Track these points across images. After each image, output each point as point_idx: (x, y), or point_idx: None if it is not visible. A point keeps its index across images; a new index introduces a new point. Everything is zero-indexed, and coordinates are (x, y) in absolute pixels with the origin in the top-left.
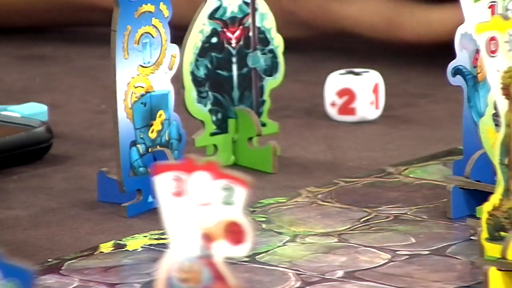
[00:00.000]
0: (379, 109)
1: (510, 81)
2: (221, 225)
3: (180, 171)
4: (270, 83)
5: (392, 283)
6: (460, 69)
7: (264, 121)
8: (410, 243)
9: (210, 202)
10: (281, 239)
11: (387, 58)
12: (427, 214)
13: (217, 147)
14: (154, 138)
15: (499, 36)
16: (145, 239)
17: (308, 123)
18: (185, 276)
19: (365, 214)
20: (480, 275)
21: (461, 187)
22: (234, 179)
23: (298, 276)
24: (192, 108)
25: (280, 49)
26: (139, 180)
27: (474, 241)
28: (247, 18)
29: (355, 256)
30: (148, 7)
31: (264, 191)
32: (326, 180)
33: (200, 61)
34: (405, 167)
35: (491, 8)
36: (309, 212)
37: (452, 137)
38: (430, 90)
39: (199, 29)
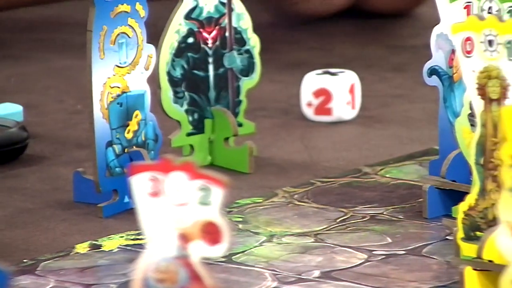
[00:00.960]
0: (356, 109)
1: (485, 81)
2: (197, 225)
3: (156, 171)
4: (247, 83)
5: (368, 283)
6: (436, 69)
7: (241, 121)
8: (386, 243)
9: (186, 202)
10: (257, 239)
11: (363, 58)
12: (403, 214)
13: (193, 147)
14: (131, 139)
15: (475, 37)
16: (121, 240)
17: (285, 123)
18: (162, 276)
19: (342, 214)
20: (456, 274)
21: (437, 187)
22: (210, 179)
23: (275, 276)
24: (168, 108)
25: (257, 50)
26: (115, 181)
27: (450, 240)
28: (223, 18)
29: (331, 256)
30: (124, 7)
31: (241, 191)
32: (303, 180)
33: (176, 61)
34: (381, 167)
35: (467, 8)
36: (286, 212)
37: (428, 137)
38: (406, 90)
39: (175, 29)
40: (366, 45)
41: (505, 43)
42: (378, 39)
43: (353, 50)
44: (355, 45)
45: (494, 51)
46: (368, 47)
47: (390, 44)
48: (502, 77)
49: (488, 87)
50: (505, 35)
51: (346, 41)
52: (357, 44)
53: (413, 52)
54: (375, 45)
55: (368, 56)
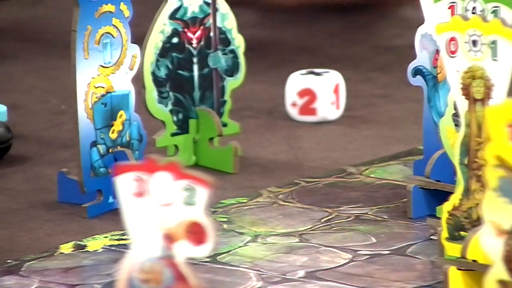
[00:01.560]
0: (340, 109)
1: (470, 81)
2: (182, 225)
3: (141, 171)
4: (231, 83)
5: (353, 282)
6: (420, 70)
7: (225, 122)
8: (370, 243)
9: (171, 203)
10: (242, 239)
11: (347, 58)
12: (388, 214)
13: (178, 147)
14: (115, 139)
15: (459, 37)
16: (106, 240)
17: (269, 123)
18: (146, 276)
19: (326, 214)
20: (440, 274)
21: (421, 187)
22: (195, 179)
23: (259, 276)
24: (153, 108)
25: (241, 50)
26: (99, 181)
27: (435, 240)
28: (208, 19)
29: (316, 256)
30: (109, 7)
31: (225, 192)
32: (287, 180)
33: (161, 61)
34: (366, 167)
35: (451, 8)
36: (270, 212)
37: (413, 137)
38: (390, 90)
39: (160, 29)
40: (350, 46)
41: (489, 43)
42: (363, 40)
43: (337, 50)
44: (340, 45)
45: (478, 51)
46: (353, 47)
47: (374, 44)
48: (486, 77)
49: (472, 87)
50: (489, 35)
51: (331, 41)
52: (341, 44)
53: (398, 52)
54: (359, 46)
55: (352, 56)
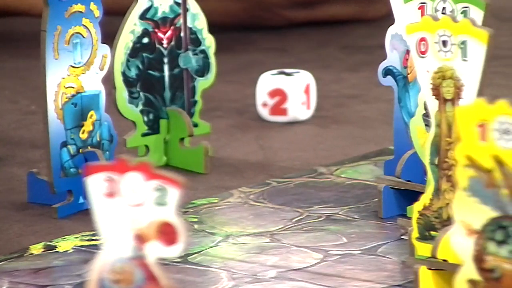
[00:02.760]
0: (311, 110)
1: (440, 81)
2: (153, 225)
3: (112, 172)
4: (202, 84)
5: (323, 282)
6: (391, 70)
7: (196, 122)
8: (341, 243)
9: (142, 203)
10: (213, 239)
11: (318, 59)
12: (359, 214)
13: (148, 147)
14: (85, 139)
15: (429, 37)
16: (76, 241)
17: (240, 123)
18: (117, 277)
19: (297, 214)
20: (411, 274)
21: (392, 187)
22: (166, 179)
23: (231, 276)
24: (123, 108)
25: (212, 50)
26: (70, 181)
27: (405, 240)
28: (178, 19)
29: (287, 256)
30: (79, 7)
31: (196, 192)
32: (258, 181)
33: (131, 61)
34: (337, 167)
35: (421, 9)
36: (241, 213)
37: (383, 137)
38: (360, 90)
39: (130, 29)
40: (321, 46)
41: (459, 44)
42: (333, 40)
43: (308, 50)
44: (310, 45)
45: (448, 52)
46: (323, 47)
47: (345, 44)
48: (456, 78)
49: (442, 87)
50: (459, 35)
51: (301, 42)
52: (312, 44)
53: (368, 52)
54: (330, 46)
55: (323, 57)
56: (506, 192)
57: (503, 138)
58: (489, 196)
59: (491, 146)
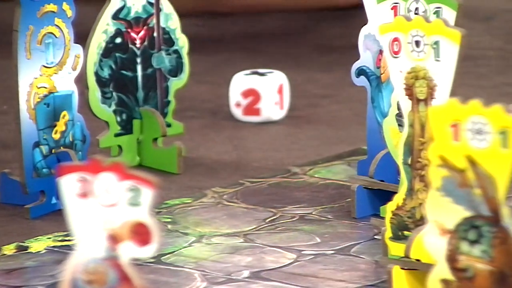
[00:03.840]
0: (284, 110)
1: (413, 81)
2: (127, 226)
3: (85, 172)
4: (175, 84)
5: (297, 282)
6: (364, 70)
7: (169, 122)
8: (315, 243)
9: (116, 203)
10: (186, 239)
11: (291, 59)
12: (332, 213)
13: (121, 148)
14: (58, 139)
15: (402, 37)
16: (49, 241)
17: (213, 123)
18: (90, 277)
19: (271, 214)
20: (384, 274)
21: (365, 186)
22: (140, 180)
23: (204, 276)
24: (96, 108)
25: (185, 50)
26: (42, 182)
27: (378, 240)
28: (151, 19)
29: (260, 256)
30: (51, 7)
31: (170, 192)
32: (232, 181)
33: (104, 61)
34: (310, 167)
35: (394, 9)
36: (215, 213)
37: (356, 137)
38: (334, 90)
39: (103, 29)
40: (294, 46)
41: (431, 44)
42: (307, 40)
43: (281, 50)
44: (284, 45)
45: (421, 52)
46: (297, 47)
47: (318, 44)
48: (429, 78)
49: (415, 88)
50: (431, 35)
51: (275, 42)
52: (285, 44)
53: (341, 52)
54: (303, 46)
55: (296, 57)
56: (478, 192)
57: (476, 138)
58: (462, 196)
59: (464, 146)
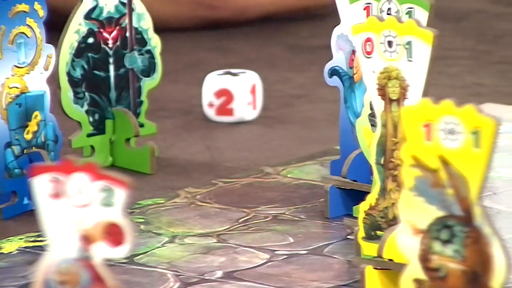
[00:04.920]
0: (257, 110)
1: (385, 81)
2: (100, 226)
3: (57, 172)
4: (148, 84)
5: (270, 283)
6: (337, 70)
7: (142, 122)
8: (288, 243)
9: (88, 204)
10: (159, 240)
11: (264, 59)
12: (305, 214)
13: (94, 148)
14: (30, 139)
15: (375, 37)
16: (21, 242)
17: (186, 123)
18: (63, 278)
19: (244, 215)
20: (357, 274)
21: (338, 186)
22: (113, 180)
23: (177, 277)
24: (68, 109)
25: (158, 50)
26: (14, 182)
27: (351, 240)
28: (124, 19)
29: (234, 257)
30: (23, 6)
31: (142, 192)
32: (205, 181)
33: (76, 61)
34: (283, 167)
35: (366, 9)
36: (188, 213)
37: (329, 137)
38: (307, 90)
39: (75, 29)
40: (267, 46)
41: (404, 44)
42: (279, 40)
43: (254, 50)
44: (256, 45)
45: (393, 52)
46: (269, 47)
47: (291, 44)
48: (402, 78)
49: (388, 88)
50: (404, 36)
51: (247, 41)
52: (258, 44)
53: (314, 52)
54: (276, 46)
55: (269, 57)
56: (451, 192)
57: (448, 138)
58: (434, 195)
59: (436, 146)
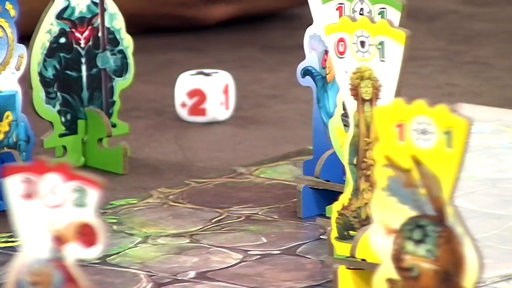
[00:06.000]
0: (230, 110)
1: (358, 82)
2: (72, 227)
3: (30, 173)
4: (120, 84)
5: (243, 283)
6: (310, 70)
7: (114, 122)
8: (261, 243)
9: (61, 204)
10: (132, 240)
11: (237, 59)
12: (278, 214)
13: (66, 148)
14: (1, 140)
15: (347, 38)
16: None
17: (159, 124)
18: (35, 279)
19: (217, 215)
20: (330, 273)
21: (311, 186)
22: (86, 180)
23: (150, 277)
24: (40, 109)
25: (130, 50)
26: None
27: (324, 240)
28: (96, 18)
29: (207, 257)
30: None
31: (115, 193)
32: (178, 181)
33: (48, 61)
34: (256, 168)
35: (339, 9)
36: (161, 213)
37: (302, 137)
38: (280, 90)
39: (47, 29)
40: (240, 46)
41: (376, 44)
42: (252, 40)
43: (227, 50)
44: (229, 45)
45: (366, 52)
46: (242, 47)
47: (264, 44)
48: (374, 78)
49: (361, 88)
50: (376, 36)
51: (220, 42)
52: (231, 44)
53: (287, 52)
54: (249, 46)
55: (242, 57)
56: (423, 192)
57: (421, 138)
58: (407, 195)
59: (409, 146)
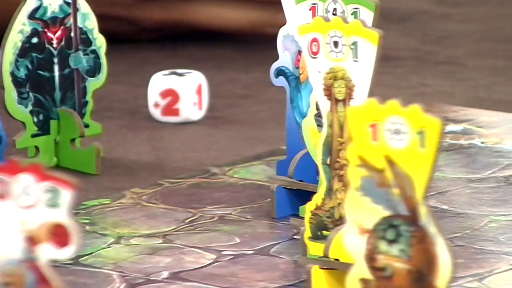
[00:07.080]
0: (203, 110)
1: (331, 82)
2: (45, 227)
3: (2, 173)
4: (93, 84)
5: (217, 283)
6: (283, 70)
7: (87, 122)
8: (234, 243)
9: (34, 205)
10: (105, 241)
11: (210, 59)
12: (251, 214)
13: (38, 148)
14: None
15: (321, 38)
16: None
17: (132, 124)
18: (8, 280)
19: (190, 215)
20: (303, 273)
21: (284, 187)
22: (58, 181)
23: (123, 278)
24: (12, 109)
25: (103, 50)
26: None
27: (297, 240)
28: (68, 18)
29: (180, 257)
30: None
31: (88, 193)
32: (151, 181)
33: (20, 61)
34: (229, 168)
35: (312, 9)
36: (134, 214)
37: (276, 137)
38: (253, 90)
39: (19, 29)
40: (213, 46)
41: (349, 45)
42: (225, 40)
43: (200, 50)
44: (203, 45)
45: (339, 52)
46: (216, 47)
47: (237, 44)
48: (348, 78)
49: (334, 88)
50: (349, 36)
51: (193, 42)
52: (204, 44)
53: (260, 53)
54: (222, 46)
55: (215, 57)
56: (397, 192)
57: (394, 138)
58: (380, 195)
59: (382, 146)
